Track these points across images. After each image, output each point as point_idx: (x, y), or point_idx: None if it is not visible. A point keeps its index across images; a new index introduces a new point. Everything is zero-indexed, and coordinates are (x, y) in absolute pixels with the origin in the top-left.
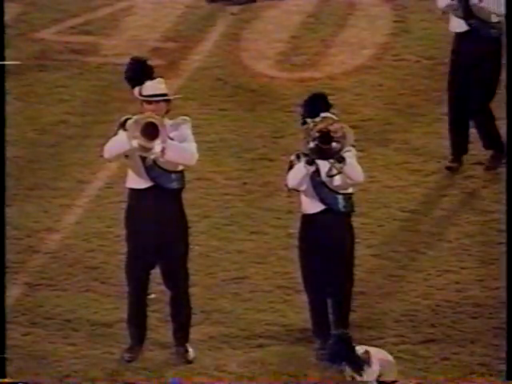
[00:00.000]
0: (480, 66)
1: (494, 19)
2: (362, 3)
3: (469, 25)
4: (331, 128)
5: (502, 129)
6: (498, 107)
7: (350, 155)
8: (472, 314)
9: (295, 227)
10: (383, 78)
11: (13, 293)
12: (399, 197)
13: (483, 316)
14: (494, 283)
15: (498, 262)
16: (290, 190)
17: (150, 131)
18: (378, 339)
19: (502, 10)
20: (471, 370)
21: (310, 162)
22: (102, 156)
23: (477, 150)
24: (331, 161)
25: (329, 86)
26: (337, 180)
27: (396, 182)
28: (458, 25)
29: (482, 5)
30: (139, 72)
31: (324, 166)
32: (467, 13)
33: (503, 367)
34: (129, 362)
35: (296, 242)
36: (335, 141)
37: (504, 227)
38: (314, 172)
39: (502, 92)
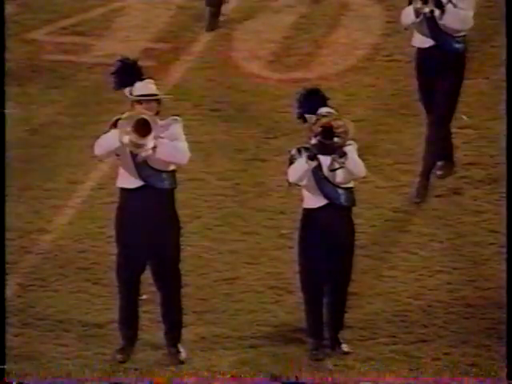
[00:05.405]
0: (443, 80)
1: (459, 33)
2: (354, 4)
3: (434, 40)
4: (333, 123)
5: (502, 129)
6: (498, 107)
7: (352, 149)
8: (464, 314)
9: (287, 228)
10: (375, 79)
11: (5, 293)
12: (391, 197)
13: (475, 316)
14: (485, 284)
15: (490, 262)
16: (290, 184)
17: (142, 128)
18: (369, 339)
19: (463, 26)
20: (463, 370)
21: (312, 158)
22: (94, 156)
23: (469, 150)
24: (333, 155)
25: (321, 86)
26: (339, 175)
27: (388, 183)
28: (422, 40)
29: (442, 22)
30: (129, 73)
31: (326, 160)
32: (432, 30)
33: (495, 367)
34: (120, 362)
35: (288, 243)
36: (337, 136)
37: (496, 228)
38: (316, 167)
39: (502, 92)
